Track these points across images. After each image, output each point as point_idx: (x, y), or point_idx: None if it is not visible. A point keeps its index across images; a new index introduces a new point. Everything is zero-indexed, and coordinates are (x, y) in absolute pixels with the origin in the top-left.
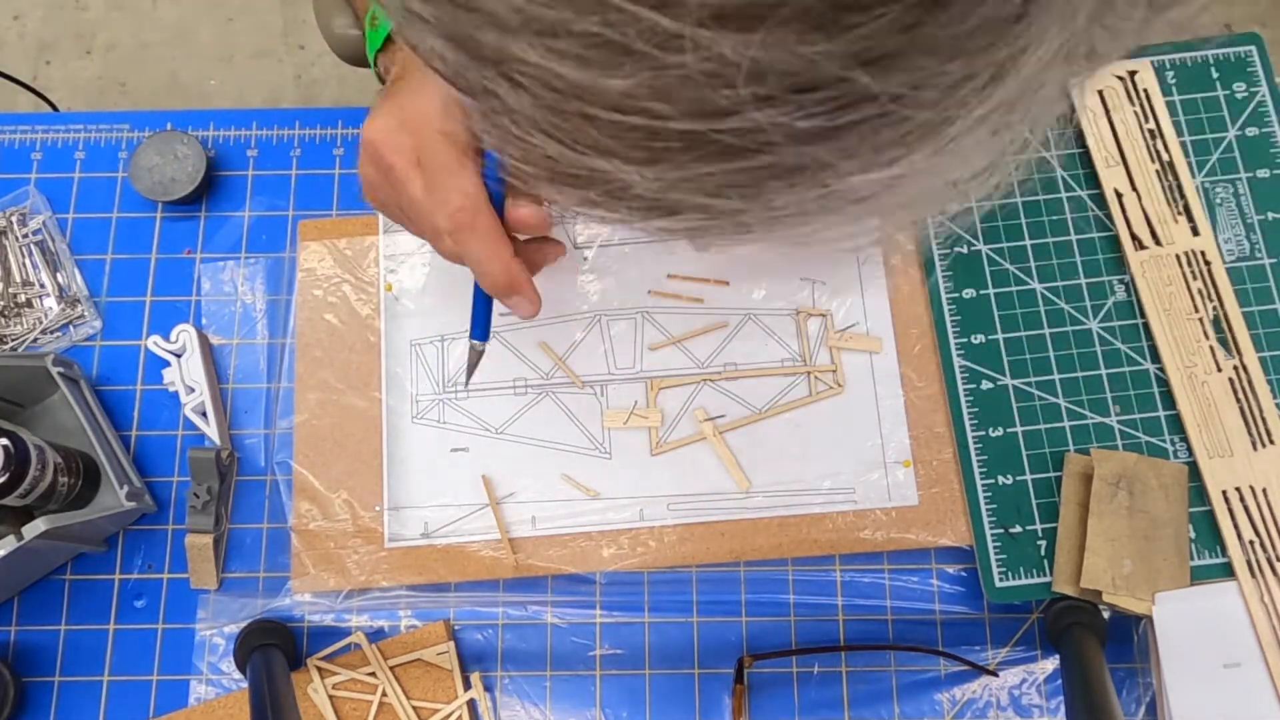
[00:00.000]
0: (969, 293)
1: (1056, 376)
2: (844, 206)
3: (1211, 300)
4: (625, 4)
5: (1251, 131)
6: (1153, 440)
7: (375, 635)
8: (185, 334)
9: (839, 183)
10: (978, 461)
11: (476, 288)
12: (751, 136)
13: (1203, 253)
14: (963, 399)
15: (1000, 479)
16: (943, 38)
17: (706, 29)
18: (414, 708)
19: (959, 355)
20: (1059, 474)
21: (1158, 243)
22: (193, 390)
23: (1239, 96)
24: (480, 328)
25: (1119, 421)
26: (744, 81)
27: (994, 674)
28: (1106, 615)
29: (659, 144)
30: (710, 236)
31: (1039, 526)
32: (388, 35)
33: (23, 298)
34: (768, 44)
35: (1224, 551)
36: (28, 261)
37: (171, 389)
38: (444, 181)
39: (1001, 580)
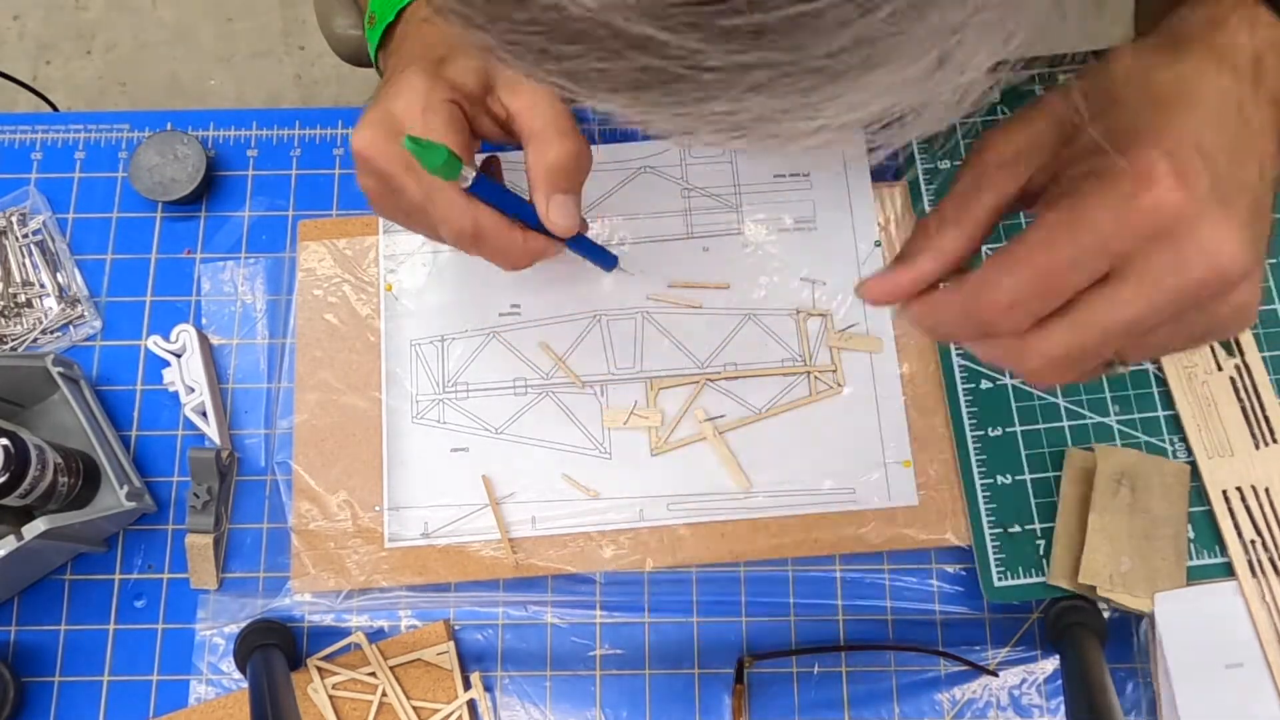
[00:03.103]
0: None
1: None
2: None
3: None
4: None
5: None
6: (1152, 440)
7: (375, 635)
8: (185, 334)
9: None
10: (977, 461)
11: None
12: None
13: None
14: (962, 399)
15: (1000, 479)
16: None
17: None
18: (414, 708)
19: (958, 355)
20: (1058, 474)
21: None
22: (193, 390)
23: None
24: (605, 259)
25: (1118, 421)
26: None
27: (994, 674)
28: (1106, 615)
29: None
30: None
31: (1038, 526)
32: (385, 31)
33: (23, 298)
34: None
35: (1224, 551)
36: (28, 261)
37: (171, 389)
38: (438, 197)
39: (1000, 580)
